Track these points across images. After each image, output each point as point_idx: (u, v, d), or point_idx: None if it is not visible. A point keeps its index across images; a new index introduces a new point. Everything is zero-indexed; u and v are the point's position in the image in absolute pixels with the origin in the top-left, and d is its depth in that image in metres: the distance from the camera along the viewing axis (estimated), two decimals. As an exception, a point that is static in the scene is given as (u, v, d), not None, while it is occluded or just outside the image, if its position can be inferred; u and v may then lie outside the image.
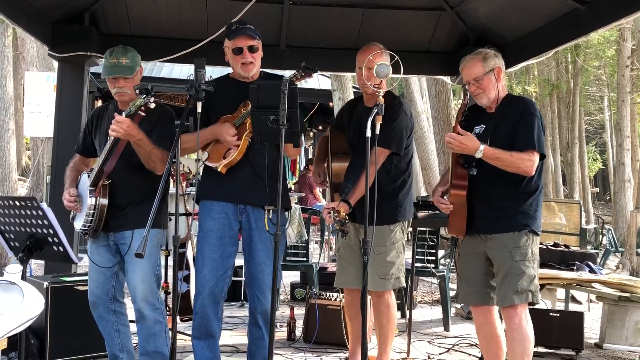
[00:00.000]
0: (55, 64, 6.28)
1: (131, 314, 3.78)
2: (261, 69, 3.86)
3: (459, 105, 3.64)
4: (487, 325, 3.74)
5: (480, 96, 3.63)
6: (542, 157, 3.52)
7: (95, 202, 3.55)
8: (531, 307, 3.65)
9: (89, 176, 3.62)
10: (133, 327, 3.82)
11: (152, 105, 3.33)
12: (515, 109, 3.58)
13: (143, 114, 3.38)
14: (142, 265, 3.58)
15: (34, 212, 3.17)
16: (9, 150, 10.38)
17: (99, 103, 10.98)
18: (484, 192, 3.61)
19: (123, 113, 3.41)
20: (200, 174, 3.89)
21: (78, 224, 3.66)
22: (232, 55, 3.71)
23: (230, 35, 3.69)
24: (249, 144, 3.60)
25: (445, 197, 3.73)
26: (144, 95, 3.29)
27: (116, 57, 3.63)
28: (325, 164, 4.30)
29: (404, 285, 4.11)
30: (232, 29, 3.69)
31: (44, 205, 3.14)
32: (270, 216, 3.54)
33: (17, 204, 3.21)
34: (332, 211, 3.54)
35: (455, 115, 3.65)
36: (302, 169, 13.01)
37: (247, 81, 3.68)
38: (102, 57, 5.45)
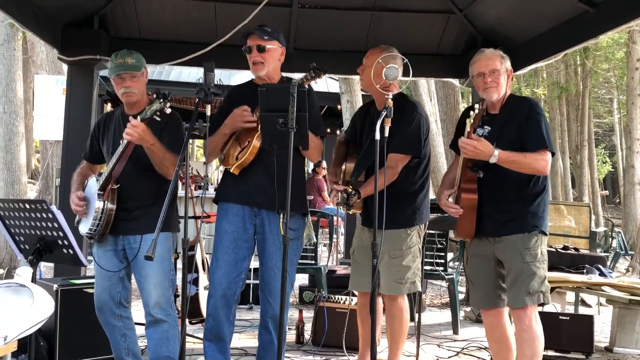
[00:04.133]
0: (65, 67, 6.31)
1: (140, 317, 3.79)
2: (283, 74, 3.88)
3: (475, 111, 3.58)
4: (498, 328, 3.72)
5: (492, 90, 3.58)
6: (552, 154, 3.52)
7: (103, 206, 3.53)
8: (541, 310, 3.64)
9: (97, 180, 3.62)
10: (139, 330, 3.82)
11: (168, 111, 3.34)
12: (520, 109, 3.57)
13: (158, 118, 3.38)
14: (156, 270, 3.57)
15: (44, 215, 3.18)
16: (19, 153, 10.40)
17: (108, 106, 11.04)
18: (492, 194, 3.59)
19: (138, 117, 3.40)
20: (209, 177, 3.91)
21: (84, 228, 3.64)
22: (247, 56, 3.75)
23: (244, 37, 3.76)
24: (261, 147, 3.61)
25: (450, 200, 3.71)
26: (161, 100, 3.29)
27: (122, 58, 3.63)
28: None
29: (420, 289, 4.08)
30: (249, 32, 3.75)
31: (54, 207, 3.15)
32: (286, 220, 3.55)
33: (27, 206, 3.22)
34: (340, 191, 3.63)
35: (471, 121, 3.58)
36: (309, 172, 12.99)
37: None
38: (111, 61, 5.49)
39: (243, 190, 3.69)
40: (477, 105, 3.56)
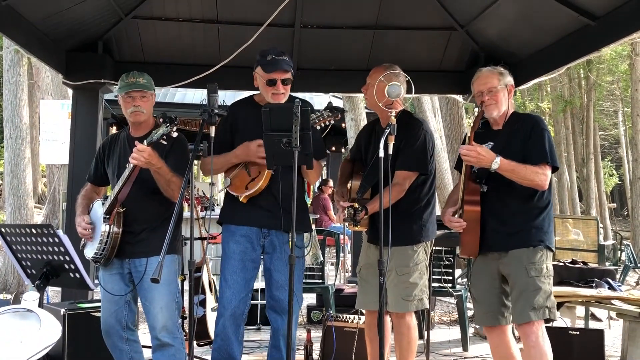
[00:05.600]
0: (70, 91, 6.36)
1: (147, 340, 3.78)
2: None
3: (473, 118, 3.60)
4: (503, 346, 3.69)
5: (492, 107, 3.61)
6: (556, 169, 3.54)
7: (109, 229, 3.53)
8: (550, 325, 3.60)
9: (103, 204, 3.62)
10: (147, 353, 3.81)
11: (175, 134, 3.35)
12: (524, 125, 3.59)
13: (165, 142, 3.39)
14: (162, 293, 3.56)
15: (51, 240, 3.18)
16: (25, 178, 10.45)
17: (114, 129, 11.09)
18: (496, 208, 3.58)
19: (144, 141, 3.41)
20: (215, 197, 3.92)
21: (89, 252, 3.64)
22: (264, 85, 3.75)
23: (265, 67, 3.71)
24: (272, 174, 3.63)
25: (455, 216, 3.71)
26: (168, 124, 3.31)
27: (134, 77, 3.66)
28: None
29: (427, 306, 4.06)
30: (268, 59, 3.72)
31: (60, 232, 3.16)
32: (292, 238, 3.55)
33: (34, 231, 3.23)
34: (347, 208, 3.61)
35: (470, 124, 3.60)
36: (316, 190, 13.00)
37: None
38: (116, 84, 5.53)
39: (252, 215, 3.72)
40: (476, 110, 3.58)
